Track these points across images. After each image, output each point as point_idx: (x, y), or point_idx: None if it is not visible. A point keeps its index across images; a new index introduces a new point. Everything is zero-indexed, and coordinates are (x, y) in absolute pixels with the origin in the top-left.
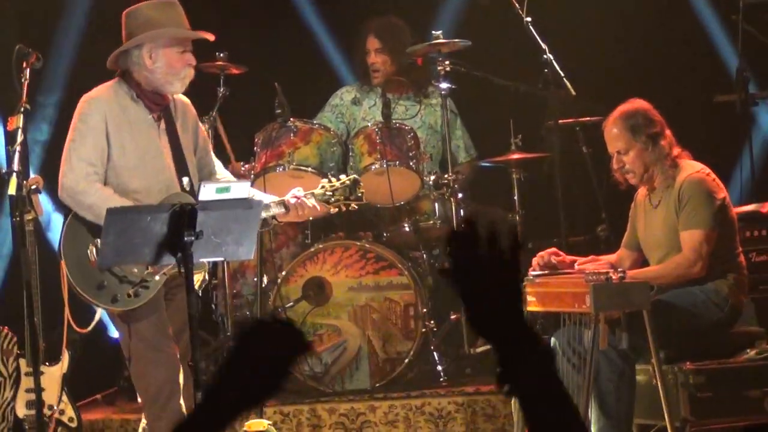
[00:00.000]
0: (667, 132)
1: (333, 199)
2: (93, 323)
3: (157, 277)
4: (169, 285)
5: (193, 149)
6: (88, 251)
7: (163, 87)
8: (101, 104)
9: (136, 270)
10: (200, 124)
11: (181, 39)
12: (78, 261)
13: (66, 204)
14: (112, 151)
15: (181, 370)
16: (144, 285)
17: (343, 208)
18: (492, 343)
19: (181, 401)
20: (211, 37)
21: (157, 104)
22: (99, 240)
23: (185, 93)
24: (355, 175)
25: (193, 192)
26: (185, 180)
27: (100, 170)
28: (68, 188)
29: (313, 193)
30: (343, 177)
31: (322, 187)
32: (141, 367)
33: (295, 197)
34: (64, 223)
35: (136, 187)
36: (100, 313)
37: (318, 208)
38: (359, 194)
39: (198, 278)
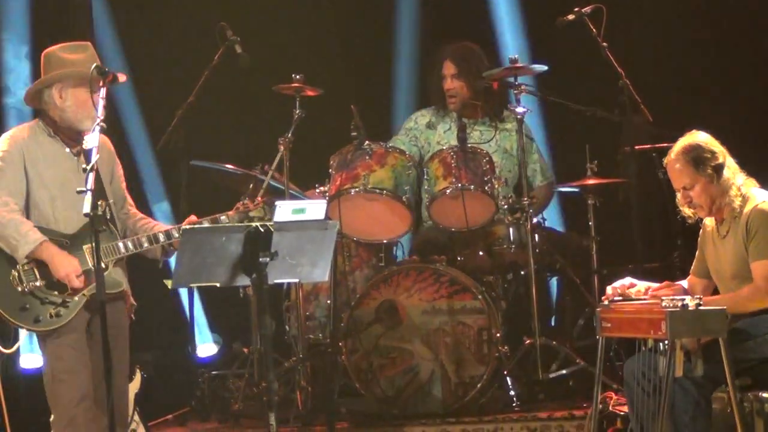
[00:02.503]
0: (730, 161)
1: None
2: (17, 345)
3: (76, 298)
4: (91, 307)
5: (109, 182)
6: (11, 276)
7: (74, 125)
8: (18, 141)
9: (56, 292)
10: (118, 161)
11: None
12: (1, 284)
13: None
14: (31, 184)
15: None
16: (65, 305)
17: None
18: None
19: (92, 421)
20: (121, 78)
21: (75, 140)
22: (19, 266)
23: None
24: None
25: (114, 219)
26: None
27: (20, 201)
28: None
29: (227, 215)
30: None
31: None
32: (55, 387)
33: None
34: None
35: (57, 216)
36: (25, 335)
37: None
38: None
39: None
